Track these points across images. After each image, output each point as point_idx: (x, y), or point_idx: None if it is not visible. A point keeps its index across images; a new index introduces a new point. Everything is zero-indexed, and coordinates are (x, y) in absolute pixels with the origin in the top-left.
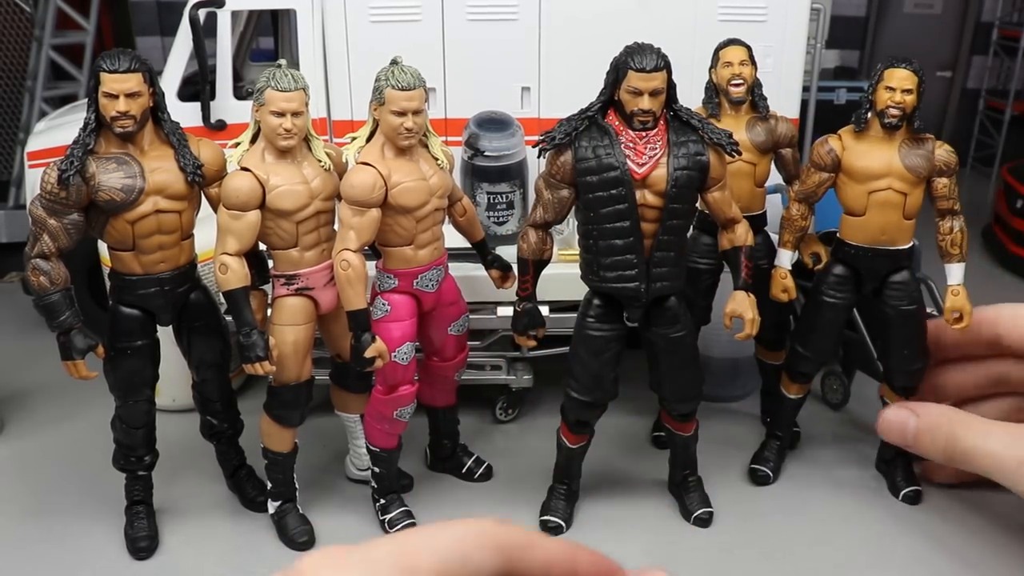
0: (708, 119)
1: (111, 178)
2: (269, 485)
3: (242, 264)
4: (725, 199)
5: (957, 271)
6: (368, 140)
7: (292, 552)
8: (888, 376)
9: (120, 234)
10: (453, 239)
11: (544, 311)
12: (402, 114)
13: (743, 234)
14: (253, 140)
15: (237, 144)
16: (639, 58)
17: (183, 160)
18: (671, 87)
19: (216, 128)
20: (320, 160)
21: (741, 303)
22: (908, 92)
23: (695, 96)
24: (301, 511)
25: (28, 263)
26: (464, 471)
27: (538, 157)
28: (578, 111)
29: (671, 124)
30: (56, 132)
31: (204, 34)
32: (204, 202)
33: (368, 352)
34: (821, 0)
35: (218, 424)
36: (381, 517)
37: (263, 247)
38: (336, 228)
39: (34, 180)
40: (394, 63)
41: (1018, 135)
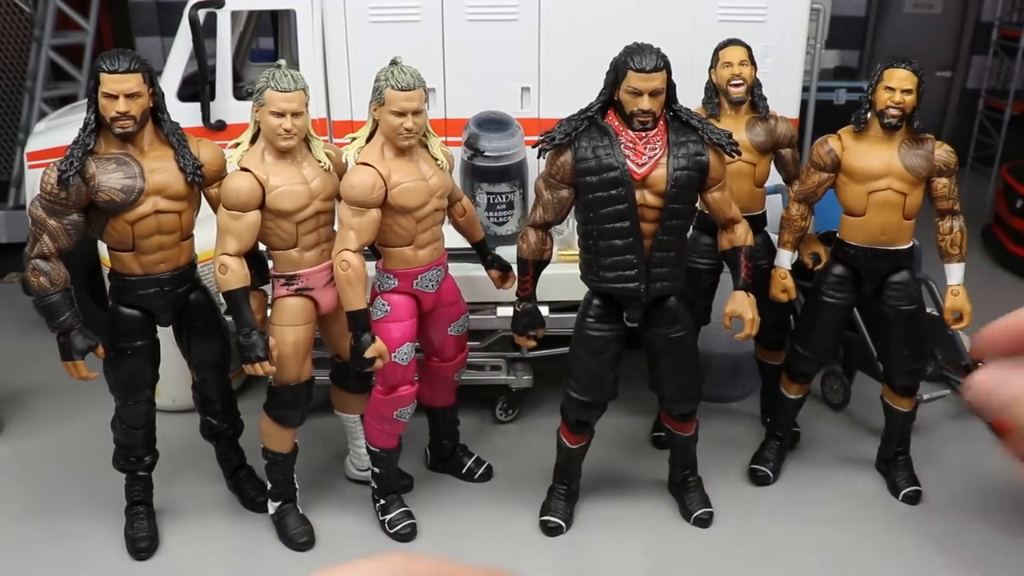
0: (708, 119)
1: (111, 178)
2: (269, 485)
3: (242, 264)
4: (725, 199)
5: (957, 271)
6: (368, 140)
7: (292, 552)
8: (888, 376)
9: (120, 234)
10: (453, 239)
11: (544, 311)
12: (402, 114)
13: (743, 234)
14: (253, 140)
15: (237, 144)
16: (639, 58)
17: (183, 160)
18: (671, 87)
19: (216, 128)
20: (320, 160)
21: (741, 303)
22: (908, 92)
23: (695, 96)
24: (301, 511)
25: (28, 263)
26: (464, 471)
27: (538, 157)
28: (578, 111)
29: (671, 124)
30: (56, 132)
31: (204, 34)
32: (204, 202)
33: (368, 352)
34: (821, 0)
35: (218, 424)
36: (381, 517)
37: (263, 247)
38: (336, 228)
39: (34, 180)
40: (394, 63)
41: (1018, 135)
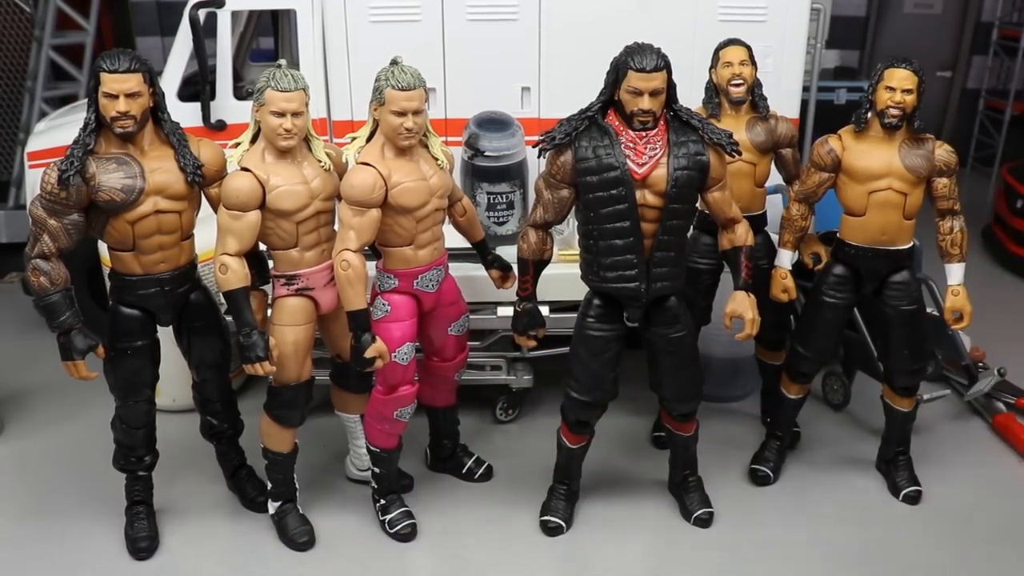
0: (708, 119)
1: (111, 178)
2: (269, 485)
3: (242, 264)
4: (725, 199)
5: (957, 271)
6: (368, 140)
7: (292, 552)
8: (888, 376)
9: (120, 234)
10: (453, 239)
11: (544, 311)
12: (402, 114)
13: (743, 234)
14: (253, 140)
15: (237, 144)
16: (639, 58)
17: (183, 160)
18: (671, 87)
19: (216, 128)
20: (320, 160)
21: (741, 303)
22: (908, 92)
23: (695, 96)
24: (301, 511)
25: (28, 263)
26: (464, 471)
27: (538, 157)
28: (578, 111)
29: (671, 124)
30: (56, 132)
31: (204, 34)
32: (204, 202)
33: (368, 352)
34: (821, 0)
35: (218, 424)
36: (381, 517)
37: (263, 247)
38: (336, 228)
39: (34, 180)
40: (394, 63)
41: (1018, 135)
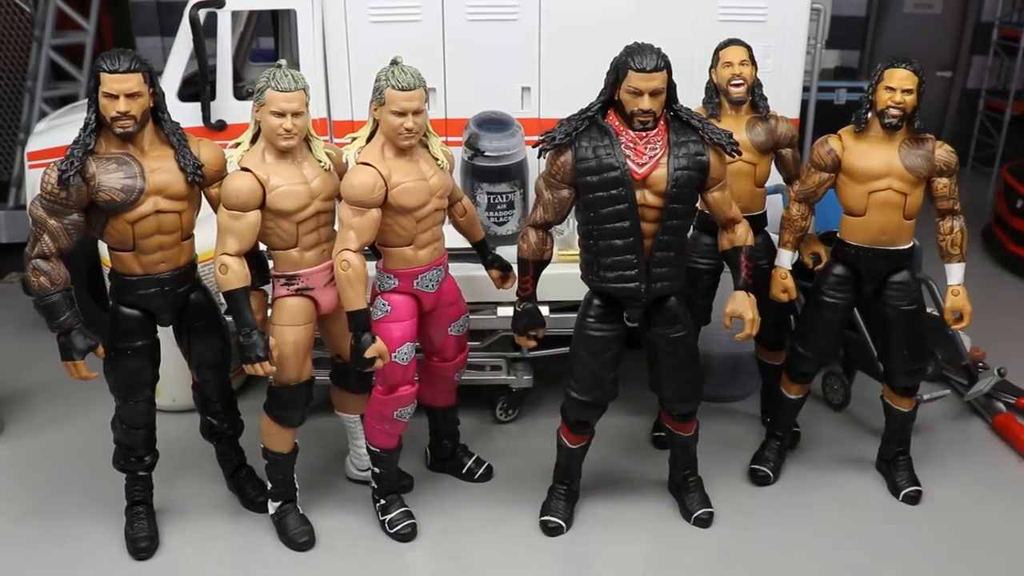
0: (708, 119)
1: (111, 178)
2: (269, 485)
3: (242, 264)
4: (725, 199)
5: (957, 271)
6: (368, 140)
7: (292, 552)
8: (888, 376)
9: (120, 234)
10: (453, 239)
11: (544, 311)
12: (402, 114)
13: (743, 234)
14: (253, 140)
15: (237, 144)
16: (639, 58)
17: (183, 160)
18: (671, 87)
19: (216, 128)
20: (320, 160)
21: (741, 303)
22: (908, 92)
23: (695, 96)
24: (301, 511)
25: (28, 263)
26: (464, 471)
27: (538, 157)
28: (578, 111)
29: (671, 124)
30: (56, 132)
31: (204, 34)
32: (204, 202)
33: (368, 352)
34: (821, 0)
35: (218, 424)
36: (381, 517)
37: (263, 247)
38: (336, 228)
39: (34, 180)
40: (394, 63)
41: (1018, 135)
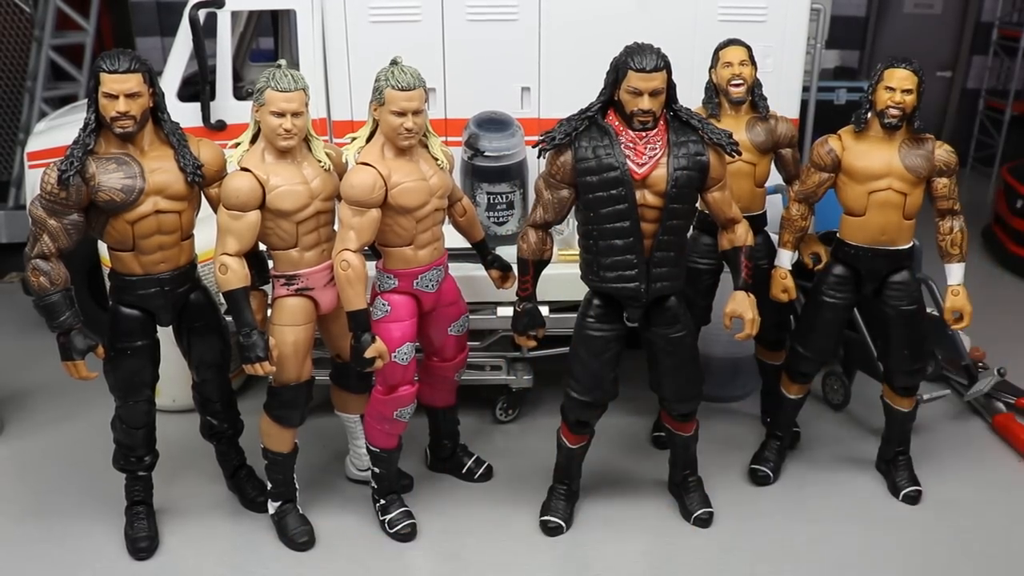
0: (708, 119)
1: (111, 178)
2: (269, 485)
3: (242, 264)
4: (725, 199)
5: (957, 271)
6: (368, 140)
7: (292, 552)
8: (888, 376)
9: (120, 234)
10: (453, 239)
11: (544, 311)
12: (402, 114)
13: (743, 234)
14: (253, 140)
15: (237, 144)
16: (639, 58)
17: (183, 160)
18: (671, 87)
19: (216, 128)
20: (320, 160)
21: (741, 303)
22: (908, 92)
23: (695, 96)
24: (301, 511)
25: (28, 263)
26: (464, 471)
27: (538, 157)
28: (578, 111)
29: (671, 124)
30: (56, 132)
31: (204, 34)
32: (204, 202)
33: (368, 352)
34: (821, 0)
35: (218, 424)
36: (381, 517)
37: (263, 247)
38: (336, 228)
39: (34, 180)
40: (394, 63)
41: (1018, 135)
